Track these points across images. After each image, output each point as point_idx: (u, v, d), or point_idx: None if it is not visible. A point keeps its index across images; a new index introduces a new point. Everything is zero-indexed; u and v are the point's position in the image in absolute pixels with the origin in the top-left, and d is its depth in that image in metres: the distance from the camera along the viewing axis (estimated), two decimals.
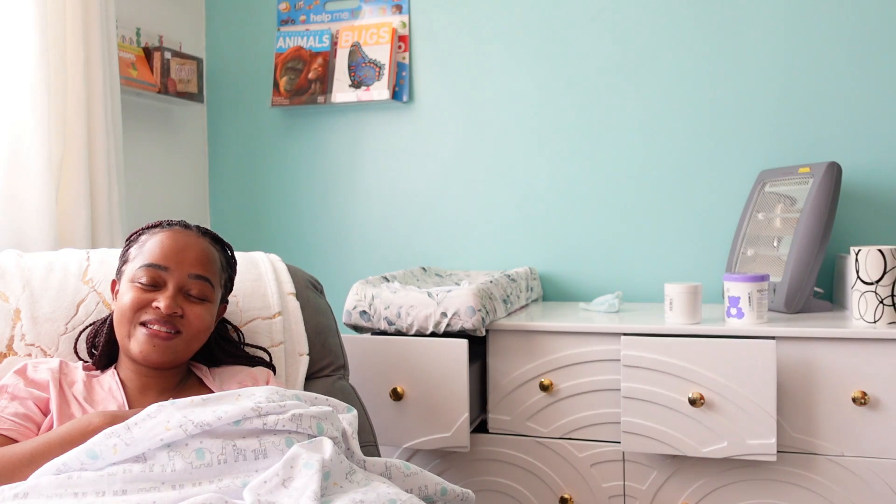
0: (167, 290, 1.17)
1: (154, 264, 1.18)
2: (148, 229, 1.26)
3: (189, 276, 1.19)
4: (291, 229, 2.39)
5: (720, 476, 1.59)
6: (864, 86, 1.92)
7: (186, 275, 1.19)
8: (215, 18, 2.45)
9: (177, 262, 1.19)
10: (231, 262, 1.31)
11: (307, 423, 1.01)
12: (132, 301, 1.16)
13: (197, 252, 1.22)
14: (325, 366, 1.48)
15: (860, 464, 1.52)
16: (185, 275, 1.19)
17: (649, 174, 2.07)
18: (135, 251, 1.22)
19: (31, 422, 1.10)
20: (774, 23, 1.97)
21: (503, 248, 2.20)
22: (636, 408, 1.56)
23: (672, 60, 2.05)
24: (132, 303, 1.16)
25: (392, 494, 0.95)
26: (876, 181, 1.92)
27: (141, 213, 2.16)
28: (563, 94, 2.13)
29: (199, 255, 1.22)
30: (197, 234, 1.25)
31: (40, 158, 1.66)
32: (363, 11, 2.28)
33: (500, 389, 1.71)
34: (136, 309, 1.16)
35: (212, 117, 2.46)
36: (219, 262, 1.26)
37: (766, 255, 1.84)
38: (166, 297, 1.16)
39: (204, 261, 1.22)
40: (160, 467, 0.92)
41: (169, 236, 1.21)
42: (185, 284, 1.19)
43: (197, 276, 1.20)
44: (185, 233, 1.24)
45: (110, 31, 1.86)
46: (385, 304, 1.67)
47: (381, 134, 2.29)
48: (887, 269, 1.52)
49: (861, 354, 1.51)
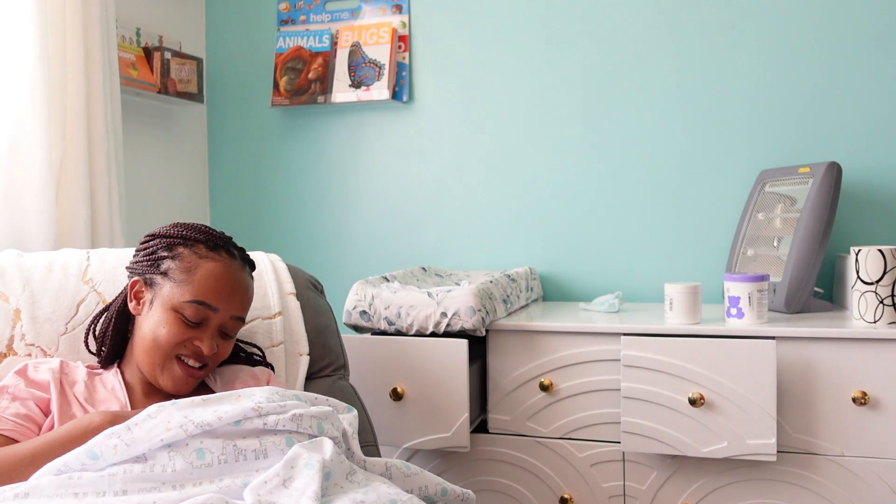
0: (209, 328, 1.16)
1: (206, 304, 1.16)
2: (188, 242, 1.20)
3: (232, 317, 1.19)
4: (291, 229, 2.39)
5: (720, 476, 1.59)
6: (864, 86, 1.92)
7: (230, 316, 1.19)
8: (215, 18, 2.45)
9: (226, 303, 1.17)
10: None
11: (307, 423, 1.01)
12: (174, 336, 1.14)
13: (243, 294, 1.21)
14: (325, 366, 1.48)
15: (860, 464, 1.52)
16: (228, 316, 1.18)
17: (649, 174, 2.07)
18: (179, 271, 1.17)
19: (32, 422, 1.10)
20: (774, 23, 1.97)
21: (503, 248, 2.20)
22: (636, 408, 1.56)
23: (672, 60, 2.05)
24: (173, 340, 1.14)
25: (392, 494, 0.95)
26: (876, 181, 1.92)
27: (141, 213, 2.17)
28: (562, 93, 2.13)
29: (244, 296, 1.21)
30: (241, 265, 1.23)
31: (40, 158, 1.66)
32: (363, 11, 2.28)
33: (500, 389, 1.71)
34: (176, 345, 1.15)
35: (212, 117, 2.46)
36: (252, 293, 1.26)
37: (766, 255, 1.84)
38: (208, 338, 1.15)
39: (247, 303, 1.22)
40: (161, 467, 0.92)
41: (223, 273, 1.18)
42: (226, 324, 1.19)
43: (238, 317, 1.20)
44: (233, 266, 1.20)
45: (110, 31, 1.86)
46: (385, 304, 1.67)
47: (381, 134, 2.29)
48: (887, 269, 1.52)
49: (861, 354, 1.51)
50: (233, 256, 1.22)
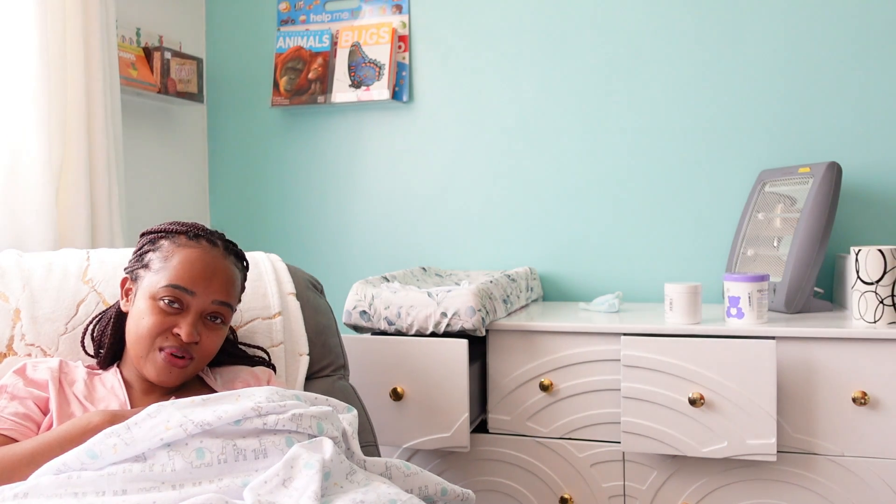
0: (189, 315, 1.15)
1: (181, 287, 1.15)
2: (171, 234, 1.21)
3: (213, 301, 1.17)
4: (291, 229, 2.39)
5: (720, 476, 1.59)
6: (864, 86, 1.92)
7: (210, 301, 1.17)
8: (215, 18, 2.45)
9: (204, 286, 1.16)
10: (246, 275, 1.30)
11: (307, 422, 1.01)
12: (153, 326, 1.14)
13: (224, 278, 1.19)
14: (325, 366, 1.48)
15: (860, 464, 1.52)
16: (209, 301, 1.17)
17: (649, 174, 2.07)
18: (158, 261, 1.18)
19: (31, 421, 1.10)
20: (775, 23, 1.97)
21: (503, 248, 2.20)
22: (636, 408, 1.56)
23: (672, 60, 2.05)
24: (153, 328, 1.14)
25: (392, 494, 0.95)
26: (876, 181, 1.92)
27: (141, 213, 2.17)
28: (562, 93, 2.13)
29: (225, 281, 1.19)
30: (224, 253, 1.22)
31: (40, 158, 1.66)
32: (363, 11, 2.28)
33: (500, 389, 1.71)
34: (156, 335, 1.14)
35: (212, 117, 2.46)
36: (239, 281, 1.25)
37: (766, 255, 1.84)
38: (187, 324, 1.14)
39: (229, 287, 1.19)
40: (160, 467, 0.92)
41: (199, 257, 1.18)
42: (207, 309, 1.17)
43: (221, 302, 1.18)
44: (212, 252, 1.20)
45: (110, 31, 1.86)
46: (385, 304, 1.67)
47: (381, 134, 2.30)
48: (887, 269, 1.52)
49: (861, 354, 1.51)
50: (214, 244, 1.21)
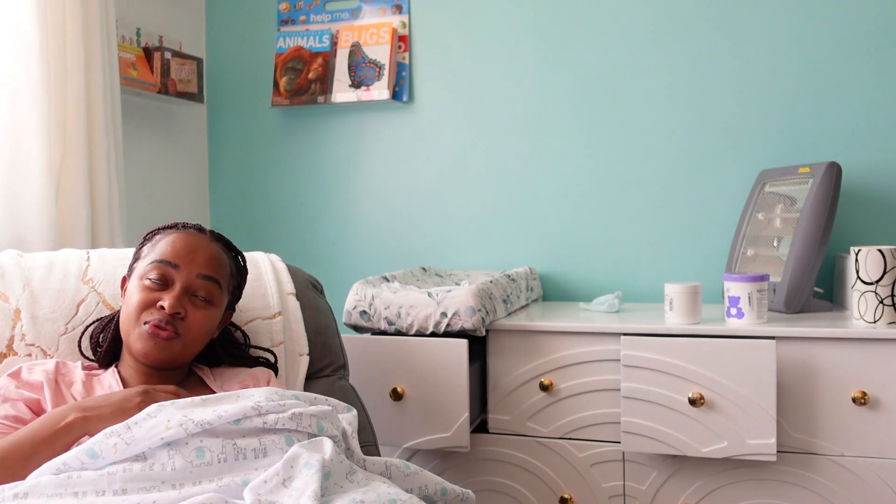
0: (174, 289, 1.18)
1: (164, 261, 1.19)
2: (163, 229, 1.27)
3: (198, 276, 1.20)
4: (291, 229, 2.39)
5: (720, 476, 1.59)
6: (864, 86, 1.92)
7: (195, 275, 1.19)
8: (215, 18, 2.45)
9: (187, 261, 1.20)
10: (242, 270, 1.31)
11: (307, 421, 1.01)
12: (139, 302, 1.17)
13: (208, 254, 1.23)
14: (325, 366, 1.48)
15: (860, 464, 1.52)
16: (193, 274, 1.19)
17: (649, 174, 2.07)
18: (147, 249, 1.24)
19: (21, 423, 1.09)
20: (775, 23, 1.97)
21: (503, 248, 2.20)
22: (636, 408, 1.56)
23: (672, 60, 2.05)
24: (139, 304, 1.17)
25: (392, 494, 0.95)
26: (876, 181, 1.92)
27: (141, 213, 2.17)
28: (563, 93, 2.13)
29: (209, 257, 1.23)
30: (210, 238, 1.26)
31: (40, 158, 1.65)
32: (363, 11, 2.28)
33: (500, 389, 1.71)
34: (143, 309, 1.17)
35: (212, 117, 2.46)
36: (229, 267, 1.27)
37: (766, 255, 1.84)
38: (172, 296, 1.16)
39: (213, 263, 1.23)
40: (160, 466, 0.92)
41: (182, 237, 1.23)
42: (192, 284, 1.19)
43: (205, 276, 1.20)
44: (198, 235, 1.25)
45: (110, 31, 1.86)
46: (385, 304, 1.67)
47: (381, 134, 2.29)
48: (887, 269, 1.52)
49: (861, 354, 1.51)
50: (201, 232, 1.26)
